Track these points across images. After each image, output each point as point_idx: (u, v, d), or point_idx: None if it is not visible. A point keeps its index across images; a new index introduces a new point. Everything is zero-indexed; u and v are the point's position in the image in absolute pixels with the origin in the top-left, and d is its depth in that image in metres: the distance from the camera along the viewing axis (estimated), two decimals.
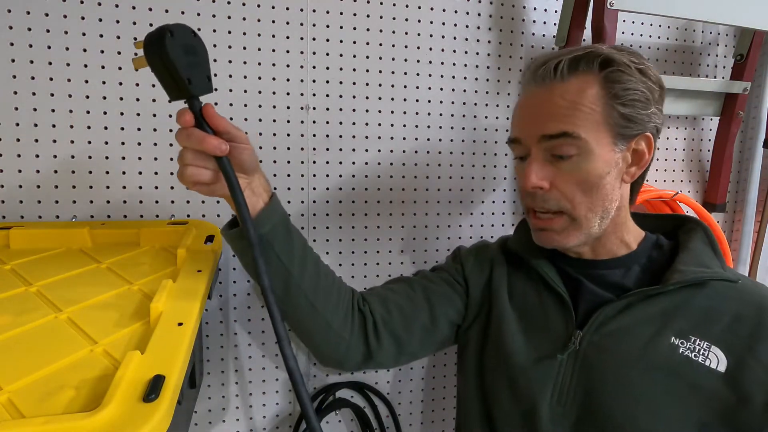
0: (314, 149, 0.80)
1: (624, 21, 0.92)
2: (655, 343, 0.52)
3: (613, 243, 0.59)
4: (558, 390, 0.55)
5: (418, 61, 0.83)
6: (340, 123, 0.81)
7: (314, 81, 0.79)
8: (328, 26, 0.78)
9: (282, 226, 0.55)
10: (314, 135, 0.80)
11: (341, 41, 0.79)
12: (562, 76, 0.53)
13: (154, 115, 0.73)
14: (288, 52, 0.77)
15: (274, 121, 0.78)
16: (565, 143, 0.52)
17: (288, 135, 0.79)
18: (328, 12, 0.78)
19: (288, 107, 0.78)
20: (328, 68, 0.79)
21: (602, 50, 0.53)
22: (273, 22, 0.76)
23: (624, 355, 0.52)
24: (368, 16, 0.79)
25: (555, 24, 0.88)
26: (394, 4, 0.80)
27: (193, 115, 0.46)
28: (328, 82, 0.79)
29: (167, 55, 0.41)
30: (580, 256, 0.61)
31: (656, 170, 0.99)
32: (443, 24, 0.83)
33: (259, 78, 0.76)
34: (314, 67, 0.78)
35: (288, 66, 0.77)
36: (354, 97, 0.81)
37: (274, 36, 0.76)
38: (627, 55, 0.53)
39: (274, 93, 0.77)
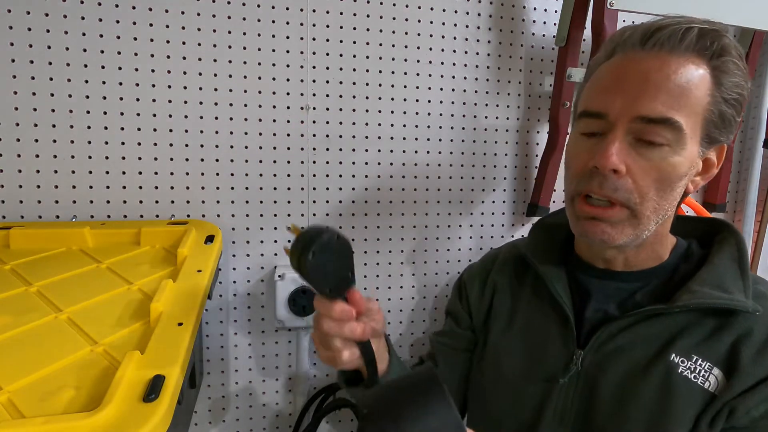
0: (314, 149, 0.80)
1: (624, 21, 0.92)
2: (654, 364, 0.49)
3: (648, 255, 0.53)
4: (560, 411, 0.53)
5: (418, 61, 0.83)
6: (340, 123, 0.81)
7: (314, 81, 0.79)
8: (328, 26, 0.78)
9: None
10: (314, 135, 0.80)
11: (341, 41, 0.79)
12: (687, 49, 0.45)
13: (154, 115, 0.73)
14: (288, 52, 0.77)
15: (274, 121, 0.78)
16: (663, 131, 0.45)
17: (288, 135, 0.79)
18: (328, 12, 0.78)
19: (288, 107, 0.78)
20: (328, 68, 0.79)
21: (723, 32, 0.46)
22: (273, 22, 0.76)
23: (622, 375, 0.50)
24: (368, 16, 0.79)
25: (555, 24, 0.88)
26: (394, 4, 0.80)
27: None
28: (328, 82, 0.79)
29: (305, 272, 0.43)
30: (607, 266, 0.55)
31: None
32: (443, 24, 0.83)
33: (259, 78, 0.76)
34: (314, 67, 0.78)
35: (288, 66, 0.77)
36: (354, 97, 0.81)
37: (274, 36, 0.76)
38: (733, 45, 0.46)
39: (274, 93, 0.77)
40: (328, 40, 0.78)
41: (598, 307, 0.54)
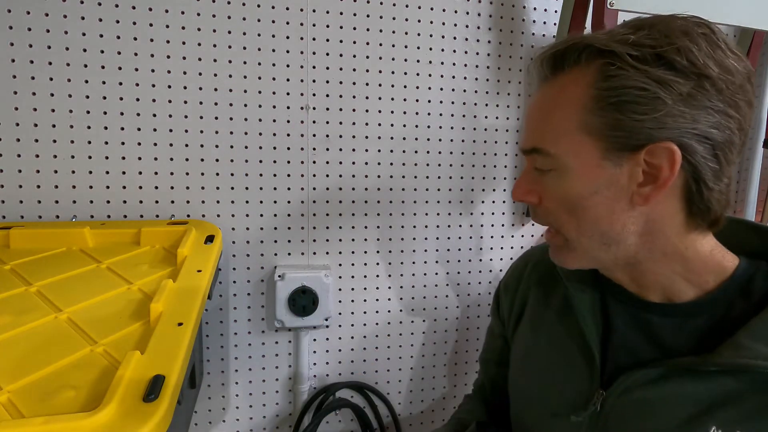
0: (314, 149, 0.80)
1: (624, 21, 0.92)
2: (689, 430, 0.41)
3: (665, 278, 0.45)
4: None
5: (418, 61, 0.83)
6: (340, 123, 0.81)
7: (314, 81, 0.79)
8: (328, 26, 0.78)
9: None
10: (314, 135, 0.80)
11: (341, 41, 0.79)
12: (554, 72, 0.44)
13: (154, 115, 0.73)
14: (288, 52, 0.77)
15: (274, 121, 0.78)
16: (537, 159, 0.45)
17: (288, 135, 0.79)
18: (328, 12, 0.78)
19: (288, 107, 0.78)
20: (328, 68, 0.79)
21: (586, 40, 0.42)
22: (273, 22, 0.76)
23: None
24: (368, 16, 0.79)
25: (555, 24, 0.88)
26: (394, 4, 0.80)
27: None
28: (328, 82, 0.79)
29: None
30: (637, 290, 0.48)
31: None
32: (443, 24, 0.83)
33: (259, 78, 0.76)
34: (314, 67, 0.78)
35: (288, 66, 0.77)
36: (354, 97, 0.81)
37: (274, 36, 0.76)
38: (643, 37, 0.40)
39: (274, 93, 0.77)
40: (328, 40, 0.78)
41: (623, 343, 0.47)
